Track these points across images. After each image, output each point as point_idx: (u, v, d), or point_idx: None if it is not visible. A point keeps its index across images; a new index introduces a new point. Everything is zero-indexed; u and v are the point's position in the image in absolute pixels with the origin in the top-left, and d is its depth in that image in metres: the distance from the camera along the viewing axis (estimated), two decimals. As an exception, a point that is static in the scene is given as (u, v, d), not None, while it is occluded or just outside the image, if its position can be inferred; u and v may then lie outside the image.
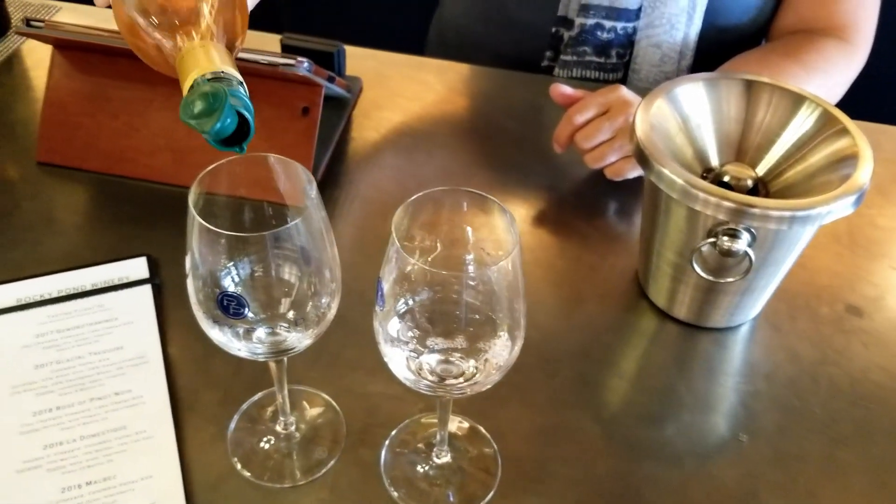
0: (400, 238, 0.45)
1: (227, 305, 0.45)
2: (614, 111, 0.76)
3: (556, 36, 0.98)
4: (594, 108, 0.77)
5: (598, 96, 0.78)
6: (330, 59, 0.87)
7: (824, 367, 0.68)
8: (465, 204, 0.47)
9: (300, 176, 0.48)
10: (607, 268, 0.75)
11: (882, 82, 1.15)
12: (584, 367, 0.67)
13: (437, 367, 0.51)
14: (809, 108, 0.64)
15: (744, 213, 0.58)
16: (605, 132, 0.76)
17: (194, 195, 0.46)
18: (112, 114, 0.79)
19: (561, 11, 0.96)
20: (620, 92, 0.77)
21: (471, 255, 0.49)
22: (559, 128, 0.79)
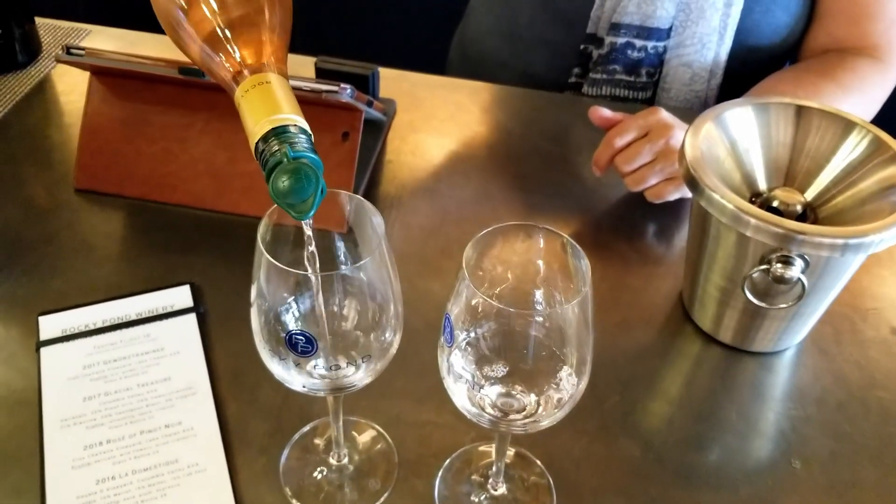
0: (470, 272, 0.45)
1: (296, 343, 0.45)
2: (654, 134, 0.76)
3: (584, 54, 0.98)
4: (634, 131, 0.77)
5: (637, 119, 0.77)
6: (365, 82, 0.87)
7: (873, 391, 0.67)
8: (535, 239, 0.47)
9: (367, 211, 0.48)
10: (651, 291, 0.75)
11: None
12: (632, 393, 0.66)
13: (498, 401, 0.51)
14: (860, 134, 0.64)
15: (796, 240, 0.58)
16: (645, 155, 0.76)
17: (263, 229, 0.46)
18: (151, 139, 0.79)
19: (590, 29, 0.96)
20: (660, 115, 0.77)
21: (540, 290, 0.49)
22: (599, 151, 0.79)
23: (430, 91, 0.96)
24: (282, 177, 0.40)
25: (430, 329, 0.69)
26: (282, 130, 0.41)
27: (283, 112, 0.42)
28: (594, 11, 0.95)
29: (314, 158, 0.41)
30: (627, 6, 0.92)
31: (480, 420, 0.50)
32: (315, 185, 0.40)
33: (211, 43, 0.46)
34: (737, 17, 0.91)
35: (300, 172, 0.40)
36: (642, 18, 0.92)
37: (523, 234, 0.47)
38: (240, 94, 0.44)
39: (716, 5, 0.91)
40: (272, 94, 0.43)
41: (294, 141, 0.41)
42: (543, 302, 0.49)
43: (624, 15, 0.93)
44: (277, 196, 0.40)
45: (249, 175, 0.78)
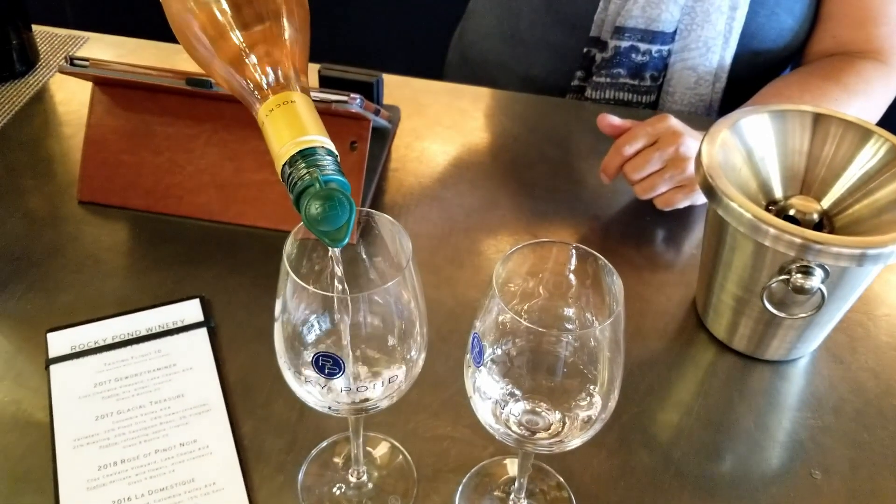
0: (499, 288, 0.44)
1: (323, 365, 0.44)
2: (664, 142, 0.76)
3: (588, 57, 0.98)
4: (643, 139, 0.77)
5: (646, 126, 0.77)
6: (370, 90, 0.86)
7: (890, 399, 0.67)
8: (567, 256, 0.46)
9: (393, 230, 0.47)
10: (663, 299, 0.74)
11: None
12: (649, 403, 0.66)
13: (523, 418, 0.51)
14: (877, 142, 0.64)
15: (814, 250, 0.58)
16: (655, 163, 0.76)
17: (289, 247, 0.45)
18: (155, 150, 0.78)
19: (594, 32, 0.96)
20: (669, 122, 0.77)
21: (571, 308, 0.48)
22: (607, 159, 0.79)
23: (433, 97, 0.95)
24: (314, 203, 0.39)
25: (443, 341, 0.68)
26: (309, 153, 0.40)
27: (309, 133, 0.41)
28: (598, 14, 0.95)
29: (343, 182, 0.40)
30: (632, 9, 0.91)
31: (506, 439, 0.50)
32: (349, 210, 0.39)
33: (231, 60, 0.45)
34: (742, 21, 0.91)
35: (333, 198, 0.39)
36: (647, 22, 0.92)
37: (555, 251, 0.46)
38: (263, 114, 0.43)
39: (721, 9, 0.90)
40: (297, 114, 0.42)
41: (322, 164, 0.40)
42: (574, 320, 0.49)
43: (628, 18, 0.92)
44: (310, 223, 0.39)
45: (256, 185, 0.77)
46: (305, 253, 0.46)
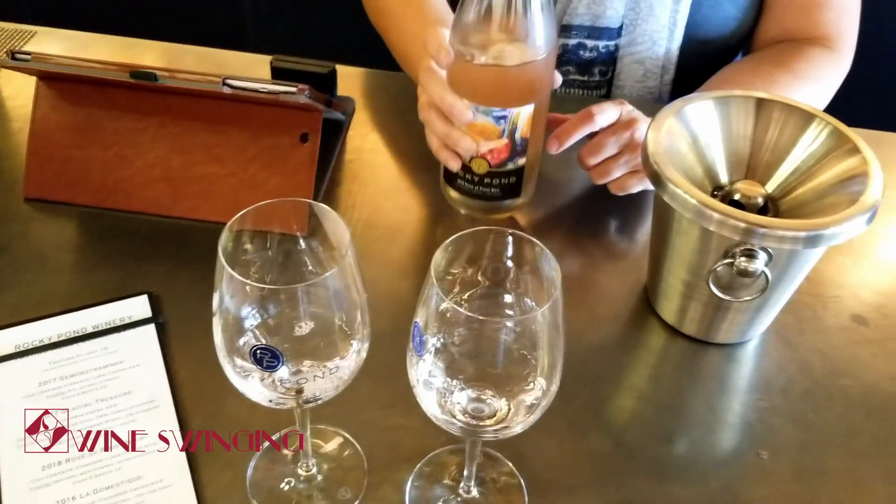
0: (438, 278, 0.44)
1: (261, 358, 0.44)
2: (620, 126, 0.76)
3: None
4: (614, 113, 0.75)
5: (613, 104, 0.76)
6: (323, 81, 0.85)
7: (837, 379, 0.68)
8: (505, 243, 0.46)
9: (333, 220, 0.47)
10: (616, 285, 0.75)
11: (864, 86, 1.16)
12: (600, 389, 0.66)
13: (469, 407, 0.51)
14: (819, 125, 0.65)
15: (758, 234, 0.59)
16: (610, 147, 0.76)
17: (224, 239, 0.44)
18: (103, 145, 0.77)
19: None
20: (627, 106, 0.77)
21: (510, 294, 0.48)
22: (571, 122, 0.75)
23: (388, 88, 0.95)
24: None
25: (396, 332, 0.68)
26: None
27: None
28: None
29: None
30: (577, 7, 0.92)
31: (451, 427, 0.50)
32: None
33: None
34: (686, 13, 0.91)
35: None
36: (592, 19, 0.92)
37: (493, 239, 0.46)
38: None
39: (665, 2, 0.91)
40: None
41: None
42: (514, 306, 0.49)
43: (574, 16, 0.93)
44: None
45: (206, 179, 0.76)
46: (241, 245, 0.46)
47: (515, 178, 0.71)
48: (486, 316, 0.45)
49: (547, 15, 0.64)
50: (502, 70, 0.65)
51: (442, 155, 0.72)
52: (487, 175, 0.70)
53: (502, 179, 0.71)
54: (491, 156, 0.69)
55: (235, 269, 0.43)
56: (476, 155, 0.69)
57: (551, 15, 0.65)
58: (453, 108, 0.67)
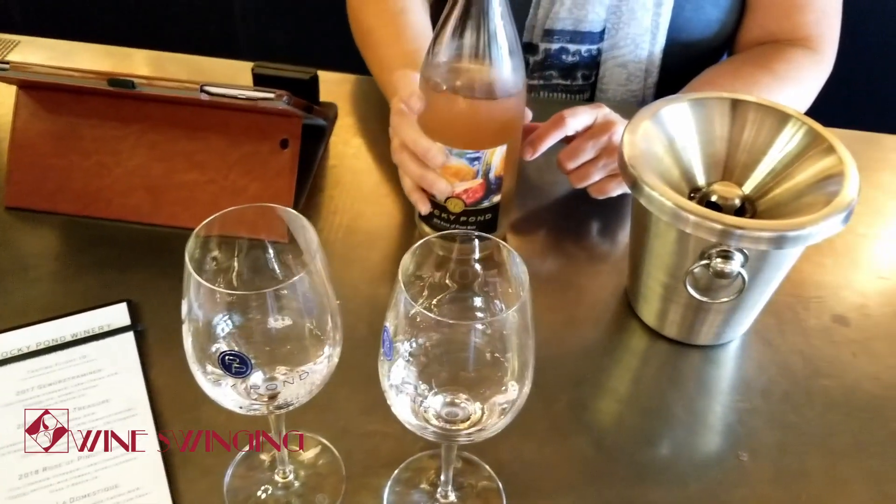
0: (406, 282, 0.44)
1: (229, 364, 0.44)
2: (598, 129, 0.76)
3: None
4: (587, 117, 0.75)
5: (588, 108, 0.77)
6: (304, 87, 0.85)
7: (817, 379, 0.68)
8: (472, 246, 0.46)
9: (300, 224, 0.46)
10: (597, 288, 0.75)
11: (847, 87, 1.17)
12: (581, 392, 0.66)
13: (443, 411, 0.51)
14: (795, 126, 0.65)
15: (735, 235, 0.59)
16: (589, 151, 0.76)
17: (192, 246, 0.45)
18: (84, 153, 0.77)
19: (526, 38, 0.96)
20: (604, 110, 0.77)
21: (479, 297, 0.48)
22: (544, 128, 0.76)
23: (371, 93, 0.95)
24: None
25: (376, 336, 0.68)
26: None
27: None
28: (528, 21, 0.95)
29: None
30: (559, 12, 0.92)
31: (424, 433, 0.50)
32: None
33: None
34: (668, 16, 0.92)
35: None
36: (574, 23, 0.92)
37: (460, 242, 0.46)
38: None
39: (646, 6, 0.91)
40: None
41: None
42: (484, 309, 0.49)
43: (556, 21, 0.93)
44: None
45: (187, 186, 0.76)
46: (209, 252, 0.46)
47: (491, 214, 0.71)
48: (456, 319, 0.45)
49: (516, 57, 0.65)
50: (475, 114, 0.66)
51: (413, 196, 0.72)
52: (463, 214, 0.70)
53: (478, 217, 0.71)
54: (466, 195, 0.69)
55: (203, 276, 0.43)
56: (451, 195, 0.69)
57: (520, 56, 0.65)
58: (427, 153, 0.67)
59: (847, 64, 0.99)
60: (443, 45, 0.64)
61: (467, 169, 0.67)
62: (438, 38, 0.64)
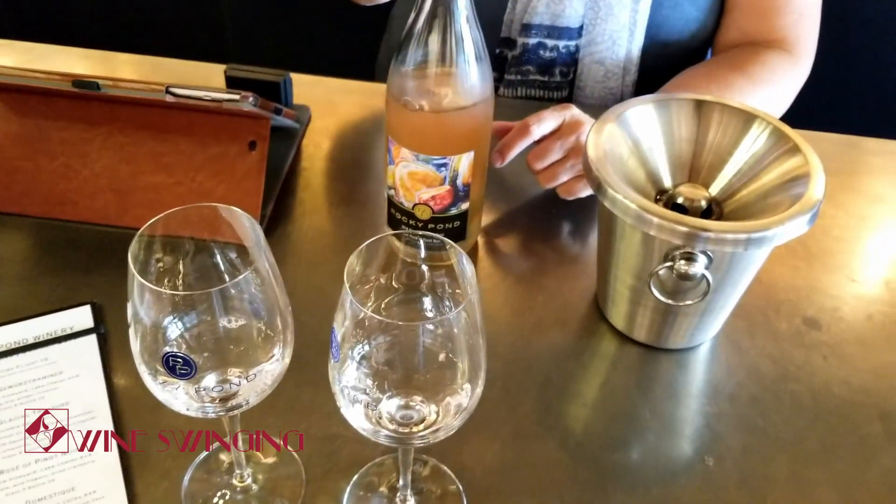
0: (353, 283, 0.44)
1: (174, 366, 0.43)
2: (565, 130, 0.76)
3: (500, 57, 0.98)
4: (551, 122, 0.76)
5: (553, 112, 0.77)
6: (276, 90, 0.85)
7: (786, 383, 0.67)
8: (419, 246, 0.46)
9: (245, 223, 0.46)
10: (566, 291, 0.74)
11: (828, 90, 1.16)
12: (547, 395, 0.66)
13: (397, 415, 0.50)
14: (760, 126, 0.64)
15: (699, 237, 0.58)
16: (556, 152, 0.75)
17: (135, 249, 0.44)
18: (50, 155, 0.76)
19: (504, 33, 0.96)
20: (572, 111, 0.77)
21: (428, 297, 0.47)
22: (510, 136, 0.77)
23: (345, 96, 0.94)
24: None
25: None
26: None
27: None
28: (507, 15, 0.95)
29: None
30: (537, 6, 0.92)
31: (378, 437, 0.49)
32: None
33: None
34: (646, 13, 0.91)
35: None
36: (552, 18, 0.92)
37: (406, 242, 0.46)
38: None
39: (624, 2, 0.91)
40: None
41: None
42: (434, 309, 0.48)
43: (534, 16, 0.93)
44: None
45: (154, 188, 0.76)
46: (153, 253, 0.45)
47: (459, 222, 0.71)
48: (405, 321, 0.44)
49: (483, 62, 0.64)
50: (441, 120, 0.65)
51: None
52: (431, 220, 0.70)
53: (446, 224, 0.71)
54: (434, 202, 0.69)
55: (149, 278, 0.43)
56: (419, 202, 0.68)
57: (487, 63, 0.65)
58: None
59: (827, 66, 0.99)
60: (408, 50, 0.64)
61: (434, 175, 0.67)
62: (404, 43, 0.64)
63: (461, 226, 0.71)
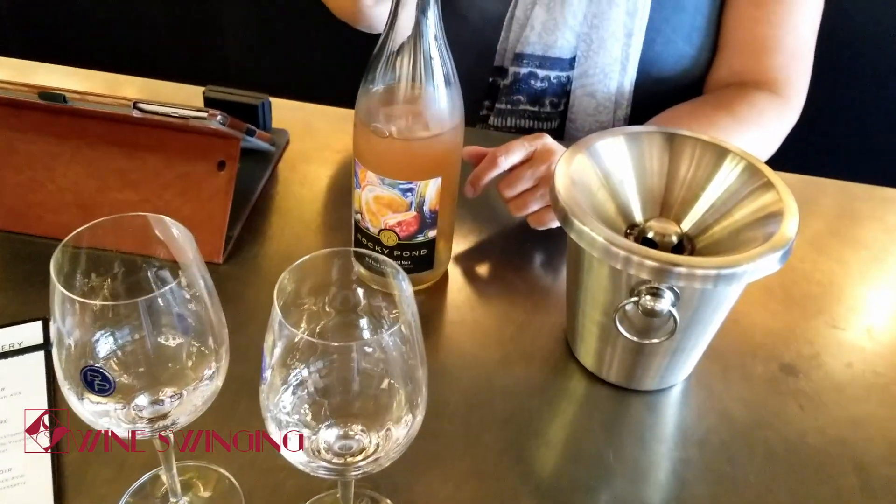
0: (286, 305, 0.42)
1: (92, 381, 0.41)
2: (537, 159, 0.74)
3: (493, 86, 0.97)
4: (520, 151, 0.74)
5: (524, 141, 0.75)
6: (254, 112, 0.84)
7: (759, 430, 0.64)
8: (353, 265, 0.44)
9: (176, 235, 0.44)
10: (536, 325, 0.72)
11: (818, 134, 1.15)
12: (508, 433, 0.63)
13: (336, 445, 0.48)
14: (733, 161, 0.63)
15: (666, 272, 0.56)
16: (526, 180, 0.74)
17: (58, 259, 0.42)
18: (17, 168, 0.75)
19: (497, 62, 0.96)
20: (544, 140, 0.75)
21: (364, 318, 0.45)
22: (480, 168, 0.76)
23: (326, 122, 0.93)
24: None
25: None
26: None
27: None
28: (500, 44, 0.95)
29: None
30: (529, 36, 0.91)
31: (316, 470, 0.47)
32: None
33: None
34: (638, 48, 0.90)
35: None
36: (544, 48, 0.91)
37: (340, 261, 0.44)
38: None
39: (616, 35, 0.90)
40: None
41: None
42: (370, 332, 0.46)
43: (526, 45, 0.92)
44: None
45: (119, 205, 0.74)
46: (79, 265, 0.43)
47: (426, 250, 0.69)
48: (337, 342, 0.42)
49: (452, 88, 0.63)
50: (407, 144, 0.64)
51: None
52: (397, 247, 0.68)
53: (412, 252, 0.69)
54: (399, 228, 0.67)
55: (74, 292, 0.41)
56: (385, 227, 0.67)
57: (457, 87, 0.64)
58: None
59: (816, 109, 0.97)
60: (376, 71, 0.63)
61: (400, 200, 0.65)
62: (372, 63, 0.63)
63: (428, 254, 0.69)
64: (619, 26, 0.89)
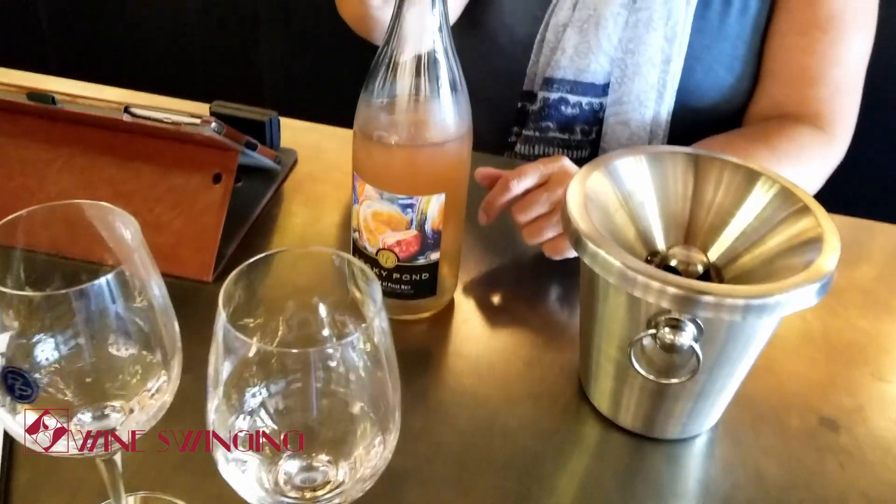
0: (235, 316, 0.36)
1: (12, 385, 0.36)
2: (553, 182, 0.68)
3: (522, 111, 0.92)
4: (533, 176, 0.69)
5: (538, 164, 0.70)
6: (261, 129, 0.80)
7: (794, 491, 0.57)
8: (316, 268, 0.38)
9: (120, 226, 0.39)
10: (546, 363, 0.65)
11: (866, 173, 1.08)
12: (506, 480, 0.56)
13: (298, 478, 0.42)
14: (765, 184, 0.56)
15: (690, 301, 0.49)
16: (542, 205, 0.68)
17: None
18: (8, 174, 0.72)
19: (527, 86, 0.91)
20: (562, 162, 0.70)
21: (326, 331, 0.40)
22: (491, 194, 0.71)
23: (337, 143, 0.89)
24: None
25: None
26: None
27: None
28: (530, 68, 0.90)
29: None
30: (560, 60, 0.86)
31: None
32: None
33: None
34: (677, 76, 0.85)
35: None
36: (576, 73, 0.87)
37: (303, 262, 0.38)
38: None
39: (653, 61, 0.85)
40: None
41: None
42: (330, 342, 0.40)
43: (557, 69, 0.87)
44: None
45: (108, 216, 0.70)
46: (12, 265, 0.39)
47: (428, 274, 0.63)
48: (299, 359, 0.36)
49: (459, 96, 0.58)
50: (406, 152, 0.59)
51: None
52: (396, 269, 0.63)
53: (413, 275, 0.63)
54: (399, 248, 0.62)
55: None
56: (383, 247, 0.61)
57: (464, 95, 0.59)
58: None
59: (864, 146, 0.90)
60: (377, 76, 0.58)
61: (399, 217, 0.60)
62: (374, 69, 0.59)
63: (430, 278, 0.64)
64: (656, 52, 0.84)
